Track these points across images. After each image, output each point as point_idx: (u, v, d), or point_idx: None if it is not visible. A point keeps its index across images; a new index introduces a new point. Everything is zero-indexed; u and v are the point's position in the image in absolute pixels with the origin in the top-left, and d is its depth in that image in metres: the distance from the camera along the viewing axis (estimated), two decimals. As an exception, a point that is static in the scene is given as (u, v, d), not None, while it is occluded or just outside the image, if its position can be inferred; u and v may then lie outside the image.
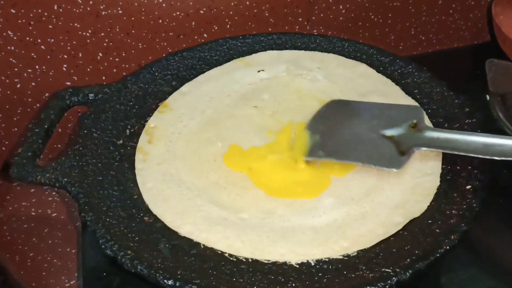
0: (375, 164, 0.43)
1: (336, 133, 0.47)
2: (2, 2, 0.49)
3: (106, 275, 0.42)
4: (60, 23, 0.52)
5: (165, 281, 0.35)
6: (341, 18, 0.63)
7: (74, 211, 0.52)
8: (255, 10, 0.58)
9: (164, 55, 0.56)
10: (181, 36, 0.57)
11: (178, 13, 0.56)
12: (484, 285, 0.42)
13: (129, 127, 0.49)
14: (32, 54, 0.53)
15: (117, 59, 0.56)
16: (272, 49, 0.57)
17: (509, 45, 0.57)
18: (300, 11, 0.60)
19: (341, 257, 0.39)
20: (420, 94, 0.52)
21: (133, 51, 0.56)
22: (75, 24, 0.53)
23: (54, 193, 0.54)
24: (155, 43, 0.57)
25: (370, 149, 0.44)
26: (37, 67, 0.54)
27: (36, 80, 0.54)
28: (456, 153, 0.41)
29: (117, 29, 0.54)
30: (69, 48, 0.54)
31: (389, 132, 0.45)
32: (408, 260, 0.37)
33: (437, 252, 0.37)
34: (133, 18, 0.54)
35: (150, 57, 0.57)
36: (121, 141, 0.48)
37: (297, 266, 0.38)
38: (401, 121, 0.45)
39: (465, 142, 0.41)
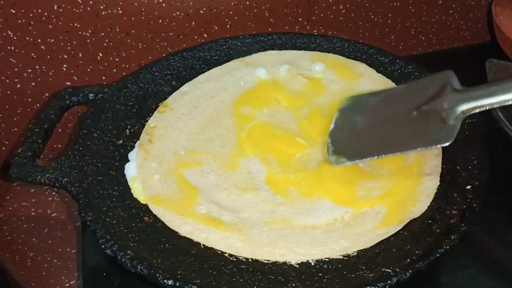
0: (423, 145, 0.39)
1: (364, 130, 0.42)
2: (2, 2, 0.49)
3: (106, 275, 0.42)
4: (60, 23, 0.52)
5: (165, 281, 0.35)
6: (341, 18, 0.63)
7: (74, 211, 0.52)
8: (255, 10, 0.58)
9: (164, 55, 0.56)
10: (181, 36, 0.57)
11: (178, 13, 0.56)
12: (484, 285, 0.42)
13: (129, 127, 0.49)
14: (32, 54, 0.53)
15: (117, 59, 0.56)
16: (272, 49, 0.57)
17: (509, 45, 0.57)
18: (300, 11, 0.60)
19: (341, 257, 0.39)
20: (420, 94, 0.52)
21: (133, 51, 0.56)
22: (75, 24, 0.53)
23: (54, 193, 0.54)
24: (155, 43, 0.57)
25: (411, 132, 0.40)
26: (37, 67, 0.53)
27: (36, 80, 0.54)
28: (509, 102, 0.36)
29: (117, 29, 0.54)
30: (69, 48, 0.54)
31: (425, 106, 0.40)
32: (408, 260, 0.37)
33: (437, 252, 0.37)
34: (133, 18, 0.54)
35: (150, 57, 0.57)
36: (121, 141, 0.48)
37: (297, 266, 0.38)
38: (434, 90, 0.40)
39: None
